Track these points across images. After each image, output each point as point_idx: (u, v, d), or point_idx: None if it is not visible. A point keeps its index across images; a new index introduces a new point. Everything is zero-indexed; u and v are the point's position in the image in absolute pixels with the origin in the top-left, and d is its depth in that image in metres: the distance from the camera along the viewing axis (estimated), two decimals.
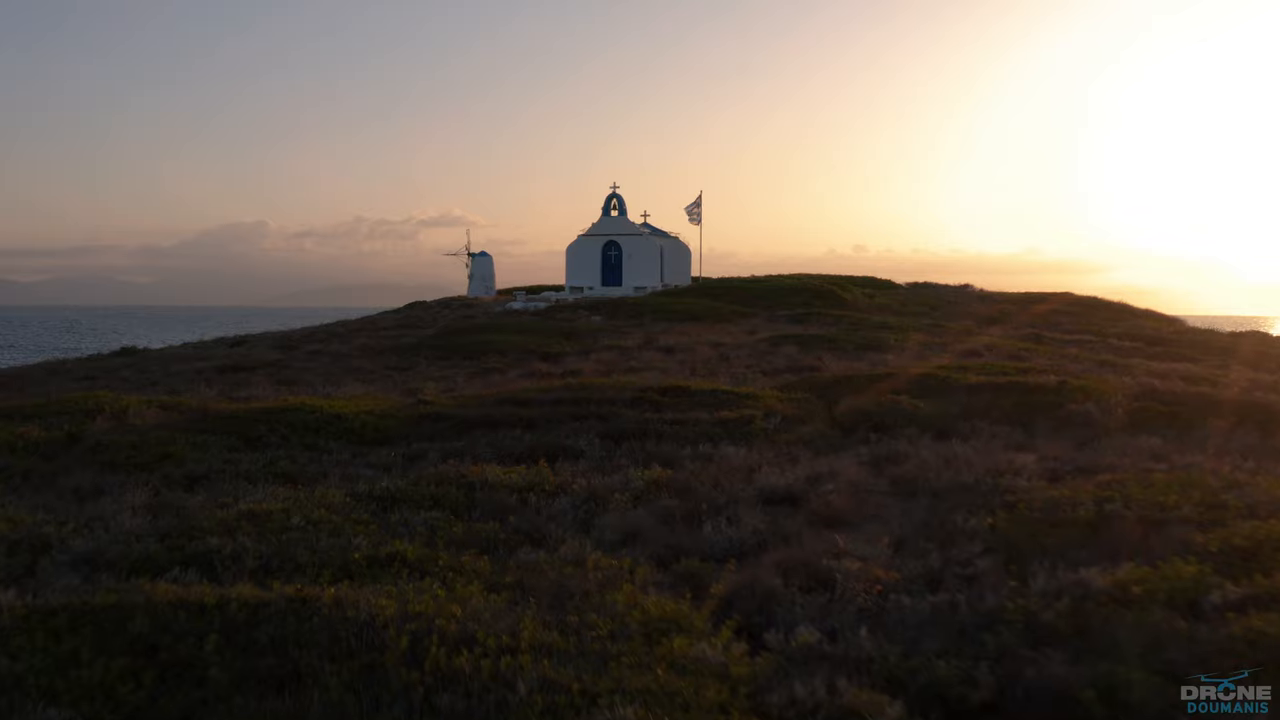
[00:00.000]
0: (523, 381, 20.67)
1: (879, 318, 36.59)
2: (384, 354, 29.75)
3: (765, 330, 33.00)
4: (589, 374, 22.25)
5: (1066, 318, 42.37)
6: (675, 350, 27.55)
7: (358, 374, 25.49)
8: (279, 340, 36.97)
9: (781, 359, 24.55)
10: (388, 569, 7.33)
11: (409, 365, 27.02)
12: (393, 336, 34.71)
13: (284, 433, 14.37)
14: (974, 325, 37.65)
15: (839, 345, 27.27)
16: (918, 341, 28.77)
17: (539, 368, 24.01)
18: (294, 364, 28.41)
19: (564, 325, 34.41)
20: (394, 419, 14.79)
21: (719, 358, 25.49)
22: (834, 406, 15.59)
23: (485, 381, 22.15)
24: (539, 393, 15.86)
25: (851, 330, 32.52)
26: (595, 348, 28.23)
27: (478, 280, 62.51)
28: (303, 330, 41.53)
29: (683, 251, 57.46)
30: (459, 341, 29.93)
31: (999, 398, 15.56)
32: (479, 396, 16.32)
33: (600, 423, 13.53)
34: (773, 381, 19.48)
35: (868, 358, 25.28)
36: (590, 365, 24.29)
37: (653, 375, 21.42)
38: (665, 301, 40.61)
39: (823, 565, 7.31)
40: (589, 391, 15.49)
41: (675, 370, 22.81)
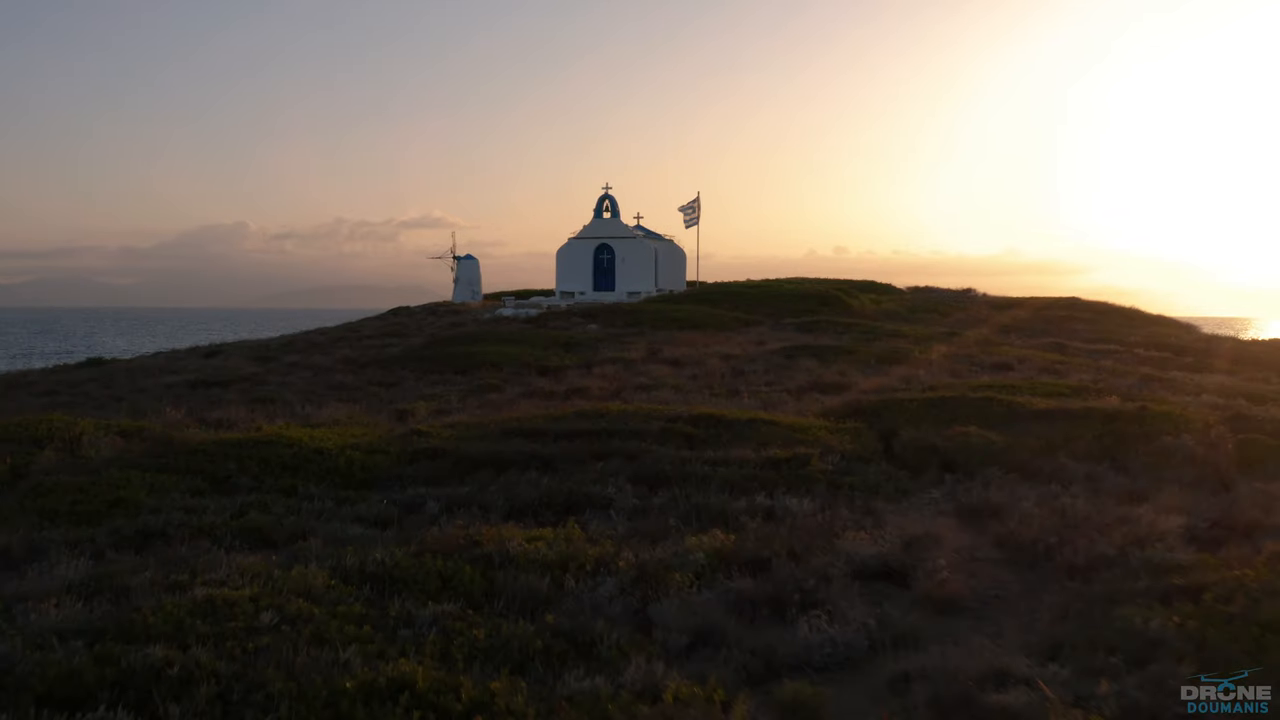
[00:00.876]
0: (525, 404, 18.66)
1: (890, 325, 34.75)
2: (368, 367, 27.70)
3: (774, 340, 31.08)
4: (595, 392, 20.27)
5: (1081, 324, 40.65)
6: (683, 363, 25.59)
7: (340, 391, 23.44)
8: (256, 350, 34.85)
9: (802, 374, 22.63)
10: (390, 707, 5.33)
11: (396, 380, 24.97)
12: (377, 346, 32.66)
13: (256, 471, 12.33)
14: (990, 333, 35.86)
15: (859, 357, 25.37)
16: (941, 353, 26.91)
17: (539, 385, 22.00)
18: (271, 378, 26.33)
19: (559, 334, 32.41)
20: (384, 454, 12.77)
21: (732, 372, 23.55)
22: (889, 437, 13.68)
23: (481, 402, 20.14)
24: (549, 422, 13.88)
25: (866, 340, 30.64)
26: (596, 360, 26.24)
27: (463, 285, 60.38)
28: (281, 339, 39.40)
29: (677, 255, 55.39)
30: (449, 353, 27.89)
31: (1075, 427, 13.67)
32: (480, 424, 14.33)
33: (628, 462, 11.56)
34: (804, 405, 17.55)
35: (894, 372, 23.39)
36: (594, 381, 22.30)
37: (667, 394, 19.47)
38: (663, 308, 38.63)
39: (983, 701, 5.36)
40: (608, 421, 13.52)
41: (689, 387, 20.86)
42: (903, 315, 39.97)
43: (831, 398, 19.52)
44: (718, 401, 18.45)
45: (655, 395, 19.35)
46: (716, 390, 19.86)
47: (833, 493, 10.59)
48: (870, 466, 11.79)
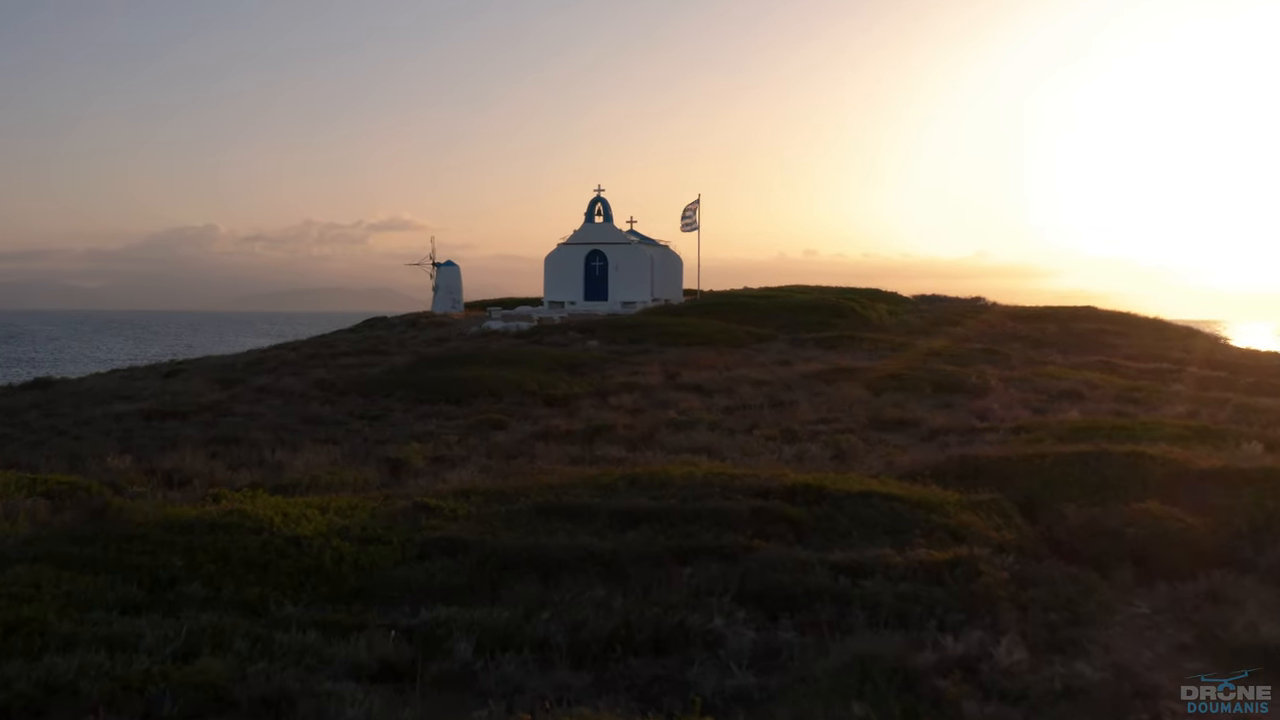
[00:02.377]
0: (542, 449, 15.49)
1: (924, 342, 31.79)
2: (347, 394, 24.41)
3: (799, 359, 28.03)
4: (621, 431, 17.12)
5: (1113, 338, 37.88)
6: (710, 391, 22.49)
7: (316, 426, 20.19)
8: (220, 370, 31.41)
9: (859, 407, 19.58)
10: None
11: (381, 412, 21.72)
12: (355, 367, 29.34)
13: (212, 572, 9.09)
14: (1027, 350, 32.99)
15: (908, 384, 22.36)
16: (994, 376, 23.95)
17: (551, 421, 18.82)
18: (236, 408, 23.02)
19: (559, 353, 29.22)
20: (383, 544, 9.57)
21: (771, 403, 20.47)
22: (1029, 509, 10.63)
23: (487, 444, 16.95)
24: (594, 492, 10.73)
25: (904, 359, 27.67)
26: (609, 387, 23.10)
27: (443, 293, 56.93)
28: (248, 356, 35.96)
29: (674, 262, 52.13)
30: (439, 378, 24.65)
31: (1265, 496, 10.67)
32: (501, 493, 11.15)
33: (724, 566, 8.44)
34: (886, 456, 14.49)
35: (960, 403, 20.42)
36: (615, 416, 19.17)
37: (709, 437, 16.35)
38: (667, 322, 35.48)
39: None
40: (675, 494, 10.38)
41: (731, 425, 17.76)
42: (924, 329, 37.08)
43: (902, 437, 16.52)
44: (775, 448, 15.40)
45: (696, 438, 16.25)
46: (766, 430, 16.76)
47: (1023, 617, 7.53)
48: (1044, 567, 8.72)
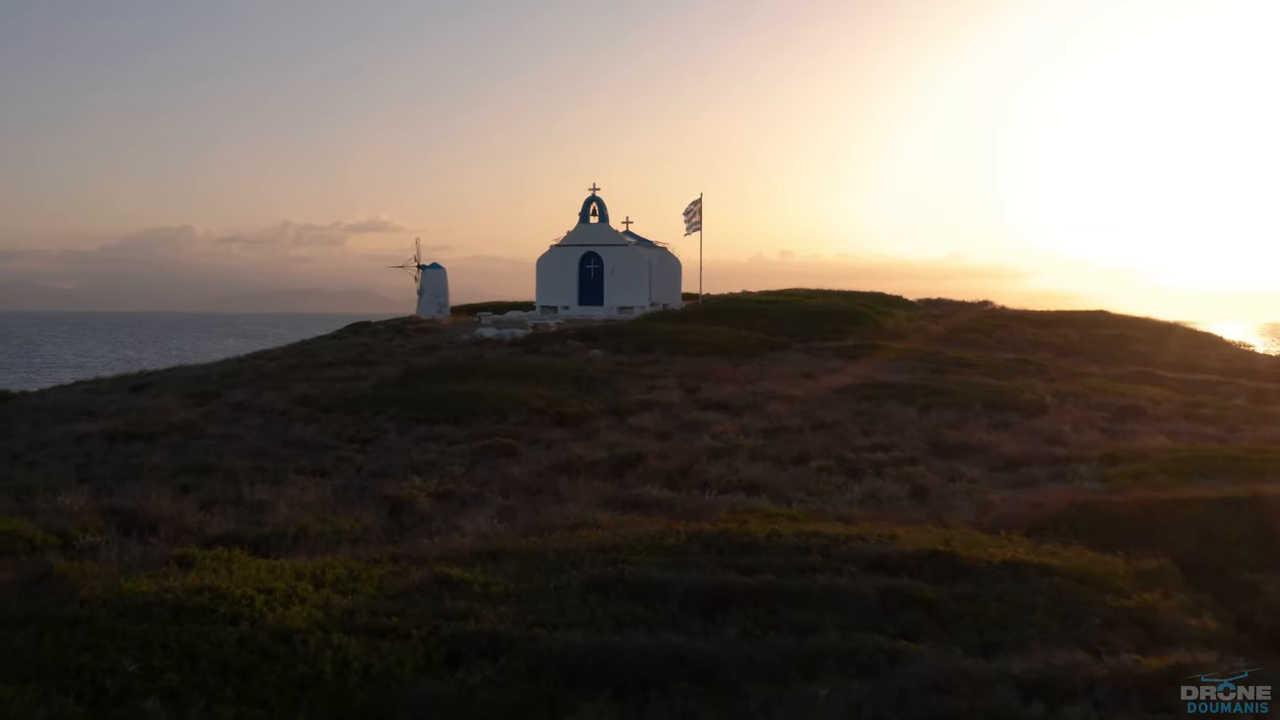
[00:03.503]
0: (574, 489, 13.29)
1: (950, 353, 29.74)
2: (333, 411, 22.15)
3: (823, 372, 25.91)
4: (653, 462, 14.95)
5: (1139, 344, 36.01)
6: (738, 409, 20.35)
7: (301, 451, 17.95)
8: (193, 381, 28.99)
9: (909, 429, 17.47)
10: None
11: (373, 434, 19.46)
12: (341, 379, 27.03)
13: (173, 684, 6.89)
14: (1055, 358, 31.02)
15: (956, 401, 20.29)
16: (1047, 391, 21.90)
17: (572, 449, 16.59)
18: (210, 428, 20.74)
19: (562, 365, 27.00)
20: (398, 639, 7.35)
21: (812, 425, 18.32)
22: (1200, 579, 8.55)
23: (500, 477, 14.75)
24: (660, 557, 8.57)
25: (937, 373, 25.63)
26: (625, 405, 20.90)
27: (429, 297, 54.50)
28: (224, 366, 33.54)
29: (672, 265, 49.90)
30: (434, 393, 22.41)
31: None
32: (538, 555, 8.97)
33: (867, 680, 6.29)
34: (973, 497, 12.39)
35: (1017, 422, 18.37)
36: (640, 441, 17.00)
37: (755, 469, 14.20)
38: (674, 330, 33.29)
39: None
40: (764, 560, 8.24)
41: (776, 453, 15.61)
42: (943, 336, 35.06)
43: (973, 465, 14.48)
44: (839, 484, 13.28)
45: (743, 471, 14.09)
46: (820, 461, 14.61)
47: None
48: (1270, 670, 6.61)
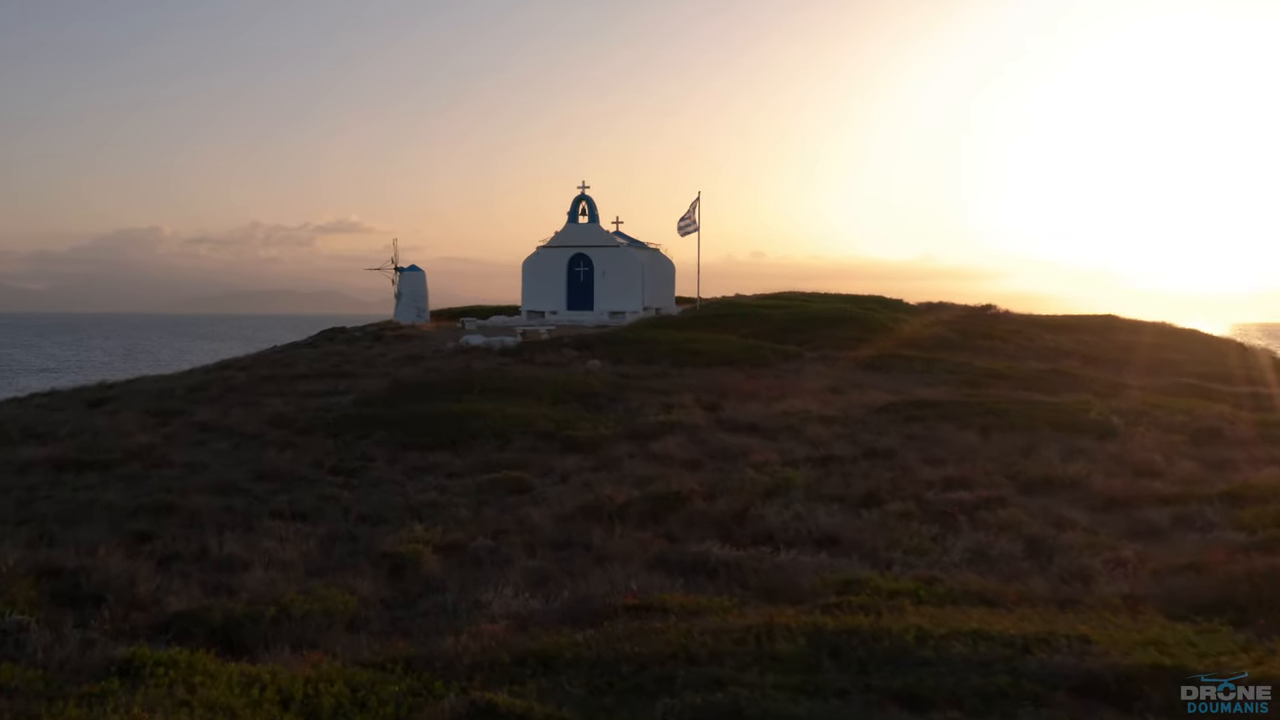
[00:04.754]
0: (611, 543, 10.92)
1: (980, 363, 27.55)
2: (312, 434, 19.67)
3: (850, 387, 23.63)
4: (699, 504, 12.63)
5: (1168, 352, 34.00)
6: (772, 432, 18.04)
7: (277, 485, 15.52)
8: (156, 397, 26.29)
9: (978, 456, 15.21)
10: None
11: (359, 464, 17.00)
12: (318, 395, 24.49)
13: None
14: (1085, 368, 28.93)
15: (1016, 421, 18.06)
16: (1104, 409, 19.73)
17: (592, 480, 14.21)
18: (173, 455, 18.22)
19: (561, 377, 24.60)
20: None
21: (863, 453, 16.01)
22: None
23: (517, 519, 12.38)
24: (777, 674, 6.23)
25: (975, 386, 23.45)
26: (643, 427, 18.52)
27: (407, 301, 51.74)
28: (190, 378, 30.87)
29: (665, 267, 47.41)
30: (426, 414, 19.98)
31: None
32: (609, 665, 6.61)
33: None
34: (1108, 556, 10.14)
35: (1092, 448, 16.21)
36: (670, 472, 14.65)
37: (819, 513, 11.90)
38: (676, 338, 30.90)
39: None
40: (928, 683, 5.96)
41: (837, 491, 13.30)
42: (961, 344, 32.92)
43: (1069, 504, 12.28)
44: (930, 534, 11.02)
45: (806, 517, 11.78)
46: (897, 504, 12.30)
47: None
48: None
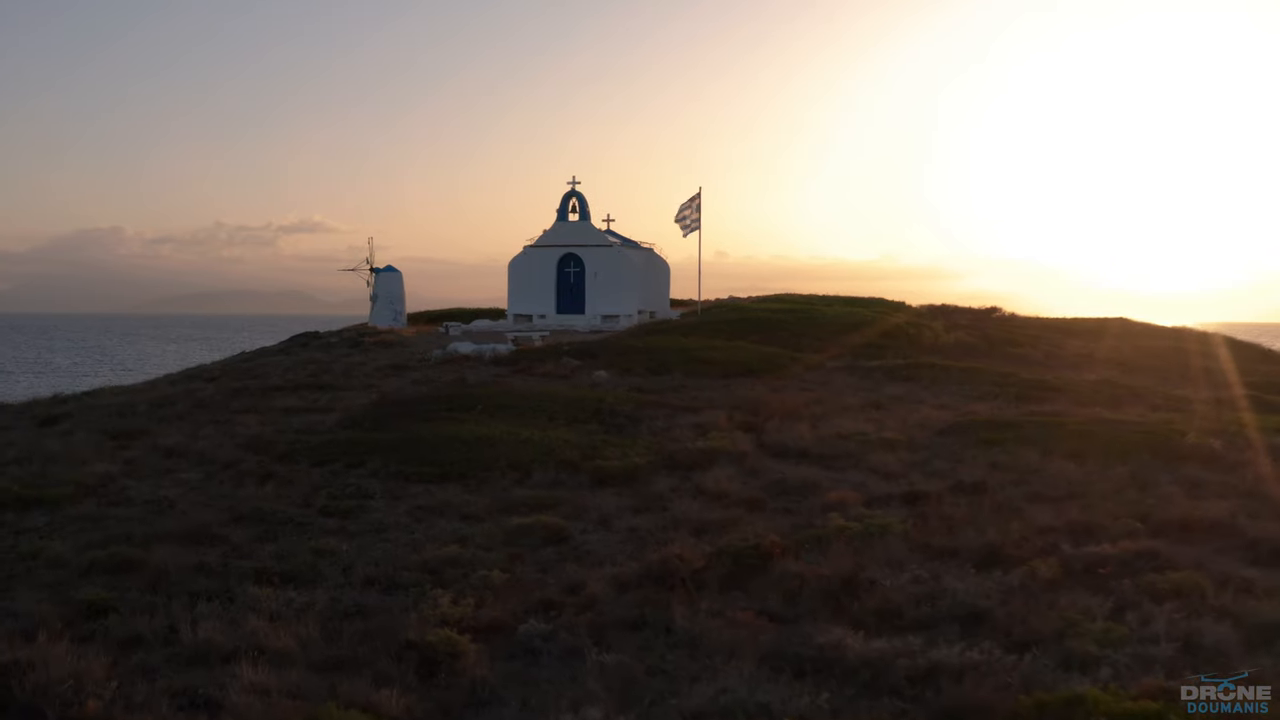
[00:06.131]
0: (701, 623, 8.53)
1: (1025, 373, 25.41)
2: (295, 462, 17.13)
3: (892, 402, 21.33)
4: (792, 565, 10.26)
5: (1200, 359, 32.05)
6: (830, 460, 15.70)
7: (259, 532, 13.03)
8: (117, 412, 23.48)
9: (1093, 496, 12.94)
10: None
11: (355, 503, 14.45)
12: (298, 411, 21.90)
13: None
14: (1123, 375, 26.89)
15: (1111, 447, 15.82)
16: (1195, 430, 17.58)
17: (632, 520, 11.84)
18: (134, 489, 15.64)
19: (568, 392, 22.14)
20: None
21: (950, 487, 13.72)
22: None
23: (566, 586, 9.99)
24: None
25: (1027, 400, 21.27)
26: (681, 454, 16.10)
27: (383, 304, 49.03)
28: (154, 391, 28.10)
29: (659, 268, 44.91)
30: (427, 438, 17.47)
31: None
32: None
33: None
34: None
35: (1203, 477, 14.00)
36: (731, 515, 12.29)
37: (953, 576, 9.57)
38: (688, 346, 28.50)
39: None
40: None
41: (944, 540, 11.00)
42: (988, 350, 30.82)
43: (1221, 554, 10.08)
44: (1097, 610, 8.72)
45: (924, 581, 9.45)
46: (1042, 563, 9.99)
47: None
48: None
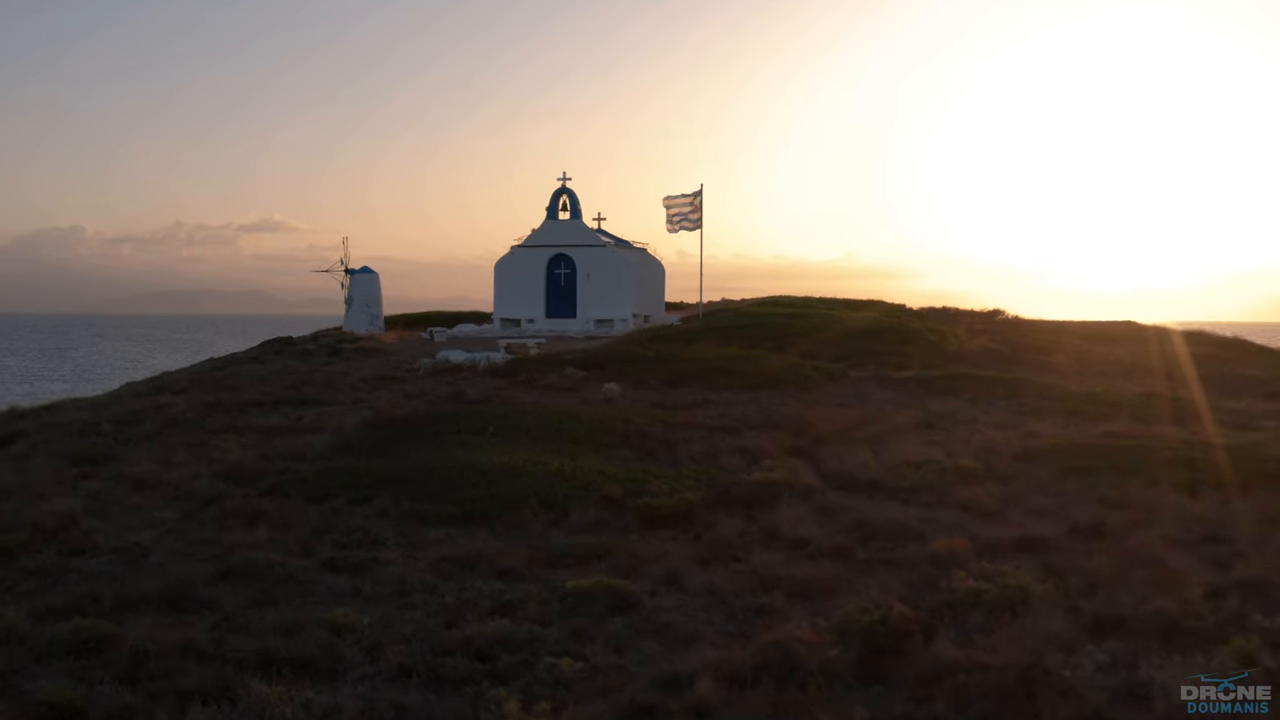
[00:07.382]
0: None
1: (1072, 382, 23.63)
2: (286, 496, 14.95)
3: (940, 419, 19.42)
4: (932, 642, 8.28)
5: (1236, 366, 30.49)
6: (906, 494, 13.75)
7: (252, 592, 10.89)
8: (79, 432, 20.96)
9: (1240, 539, 11.10)
10: None
11: (364, 554, 12.30)
12: (283, 434, 19.62)
13: None
14: (1175, 387, 25.21)
15: (1215, 474, 14.05)
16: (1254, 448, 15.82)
17: (702, 576, 9.82)
18: (99, 533, 13.41)
19: (585, 411, 20.02)
20: None
21: (1068, 530, 11.80)
22: None
23: (659, 681, 7.95)
24: None
25: (1075, 415, 19.50)
26: (737, 488, 14.06)
27: (359, 307, 46.56)
28: (120, 404, 25.68)
29: (654, 270, 42.75)
30: (437, 467, 15.35)
31: None
32: None
33: None
34: None
35: None
36: (825, 572, 10.33)
37: (1155, 673, 7.64)
38: (702, 355, 26.40)
39: None
40: None
41: (1092, 598, 9.09)
42: (1014, 358, 29.07)
43: None
44: None
45: (1096, 676, 7.53)
46: (1244, 647, 8.13)
47: None
48: None
